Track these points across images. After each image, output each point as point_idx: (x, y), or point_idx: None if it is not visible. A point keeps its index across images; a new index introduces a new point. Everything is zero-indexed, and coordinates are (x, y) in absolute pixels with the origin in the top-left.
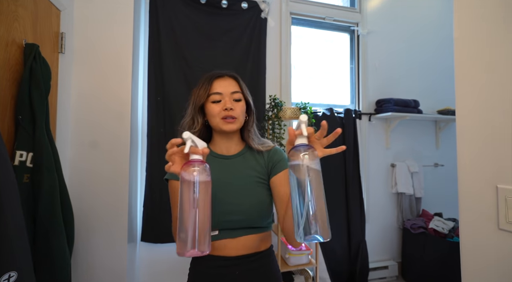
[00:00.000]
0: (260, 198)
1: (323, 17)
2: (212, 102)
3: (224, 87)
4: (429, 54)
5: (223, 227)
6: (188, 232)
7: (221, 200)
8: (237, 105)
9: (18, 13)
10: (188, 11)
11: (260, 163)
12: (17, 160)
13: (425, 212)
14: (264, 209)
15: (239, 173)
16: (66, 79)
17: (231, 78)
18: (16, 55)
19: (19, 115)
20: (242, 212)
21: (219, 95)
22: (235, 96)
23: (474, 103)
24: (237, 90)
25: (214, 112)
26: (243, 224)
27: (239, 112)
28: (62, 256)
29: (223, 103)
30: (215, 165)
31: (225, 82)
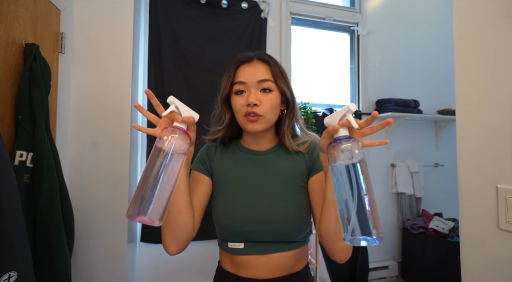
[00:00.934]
0: (298, 204)
1: (323, 17)
2: (235, 94)
3: (249, 74)
4: (429, 54)
5: (249, 239)
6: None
7: (248, 205)
8: (265, 98)
9: (18, 13)
10: (188, 11)
11: (298, 161)
12: (17, 160)
13: (425, 212)
14: (302, 218)
15: (273, 172)
16: (66, 79)
17: (260, 63)
18: (16, 55)
19: (19, 115)
20: (275, 222)
21: (242, 85)
22: (263, 86)
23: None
24: (266, 78)
25: (236, 106)
26: (275, 237)
27: (266, 107)
28: (62, 256)
29: (247, 96)
30: (242, 161)
31: (251, 69)
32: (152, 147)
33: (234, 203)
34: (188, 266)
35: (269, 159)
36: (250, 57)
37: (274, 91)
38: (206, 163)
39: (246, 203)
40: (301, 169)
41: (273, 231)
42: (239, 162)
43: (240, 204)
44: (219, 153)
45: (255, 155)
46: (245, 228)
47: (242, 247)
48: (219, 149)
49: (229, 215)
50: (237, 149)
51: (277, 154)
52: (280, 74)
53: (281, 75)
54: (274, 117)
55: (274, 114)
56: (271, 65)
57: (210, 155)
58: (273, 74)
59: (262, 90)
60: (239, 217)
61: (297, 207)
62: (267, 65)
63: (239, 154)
